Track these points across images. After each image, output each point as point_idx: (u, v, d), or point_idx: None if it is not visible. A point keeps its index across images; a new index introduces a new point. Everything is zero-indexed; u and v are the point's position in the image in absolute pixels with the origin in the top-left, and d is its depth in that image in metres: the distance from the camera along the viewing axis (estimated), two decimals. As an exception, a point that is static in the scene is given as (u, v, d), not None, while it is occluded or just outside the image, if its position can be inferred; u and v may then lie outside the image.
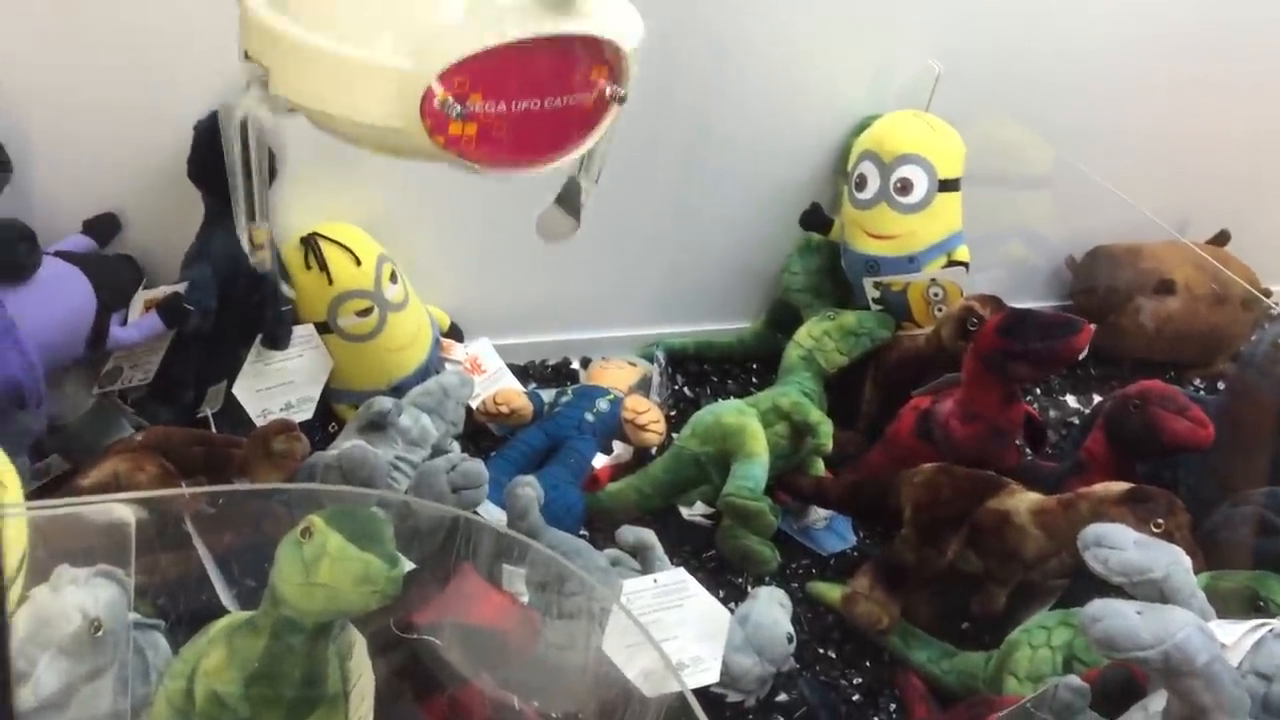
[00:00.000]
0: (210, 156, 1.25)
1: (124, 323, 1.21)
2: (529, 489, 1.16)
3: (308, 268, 1.35)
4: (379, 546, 0.85)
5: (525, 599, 1.00)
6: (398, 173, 1.01)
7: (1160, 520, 1.13)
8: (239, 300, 1.30)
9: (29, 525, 0.77)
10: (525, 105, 0.82)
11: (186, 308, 1.23)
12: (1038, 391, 1.84)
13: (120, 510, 0.79)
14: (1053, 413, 1.81)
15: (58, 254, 1.19)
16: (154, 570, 0.99)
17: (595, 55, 0.85)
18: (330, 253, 1.35)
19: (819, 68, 1.62)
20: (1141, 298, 1.88)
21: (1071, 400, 1.85)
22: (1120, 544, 0.87)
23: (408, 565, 0.85)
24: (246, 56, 0.85)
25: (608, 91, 0.87)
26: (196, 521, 1.05)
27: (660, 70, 1.50)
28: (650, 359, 1.65)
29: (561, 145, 0.88)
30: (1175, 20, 1.81)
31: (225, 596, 1.04)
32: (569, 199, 1.06)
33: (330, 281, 1.34)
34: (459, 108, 0.78)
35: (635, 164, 1.57)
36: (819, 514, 1.47)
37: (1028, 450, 1.48)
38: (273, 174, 1.30)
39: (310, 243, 1.35)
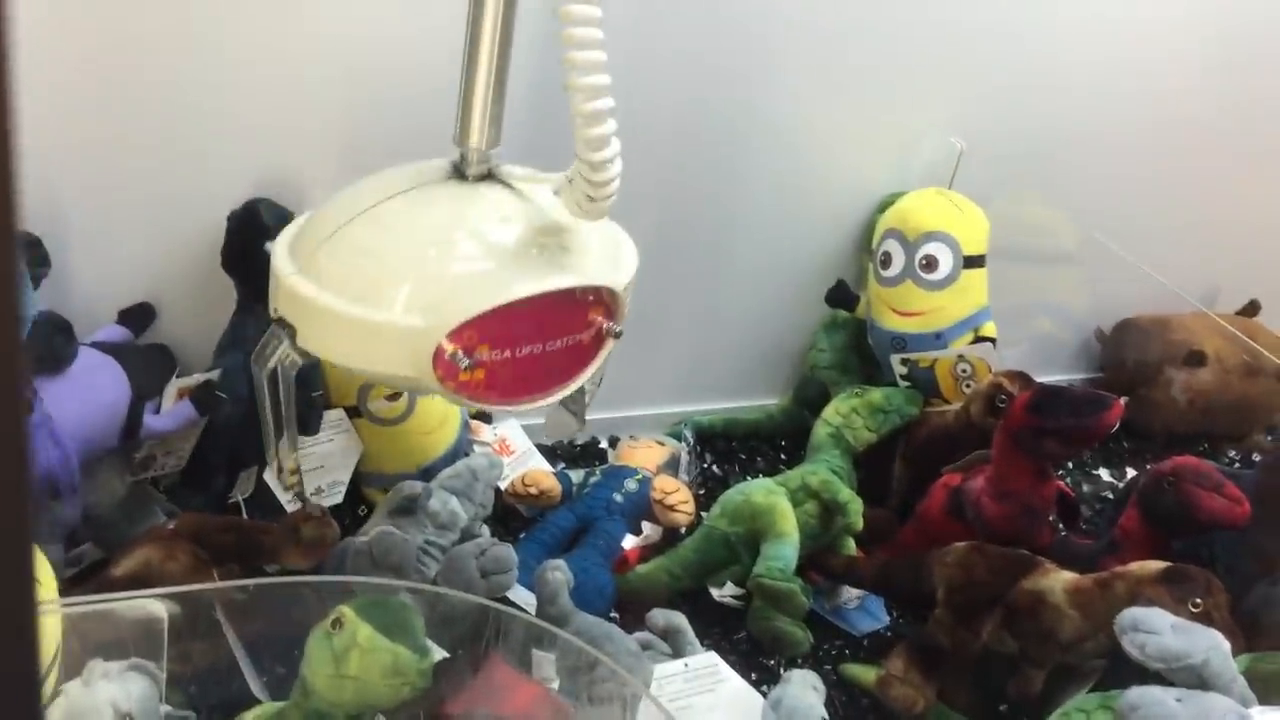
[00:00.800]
0: (242, 246, 1.28)
1: (158, 411, 1.23)
2: (558, 573, 1.16)
3: (338, 353, 1.37)
4: (409, 638, 0.85)
5: (555, 685, 0.99)
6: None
7: (1198, 600, 1.11)
8: (271, 387, 1.31)
9: (62, 621, 0.77)
10: (529, 350, 0.92)
11: (219, 395, 1.25)
12: (1070, 466, 1.83)
13: (153, 605, 0.79)
14: (1086, 487, 1.79)
15: (93, 344, 1.21)
16: (186, 659, 0.99)
17: (592, 300, 0.93)
18: (360, 338, 1.36)
19: (841, 146, 1.64)
20: (1172, 370, 1.87)
21: (1105, 474, 1.83)
22: (1157, 629, 0.86)
23: (439, 654, 0.85)
24: (277, 314, 0.95)
25: (604, 328, 0.97)
26: (227, 610, 1.05)
27: (684, 150, 1.53)
28: (678, 437, 1.65)
29: (563, 380, 0.97)
30: (1196, 92, 1.82)
31: (255, 686, 1.04)
32: (573, 403, 1.11)
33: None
34: (467, 360, 0.87)
35: (661, 244, 1.59)
36: (851, 594, 1.46)
37: (1061, 527, 1.46)
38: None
39: (341, 329, 1.36)
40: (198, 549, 1.16)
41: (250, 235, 1.27)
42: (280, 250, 0.97)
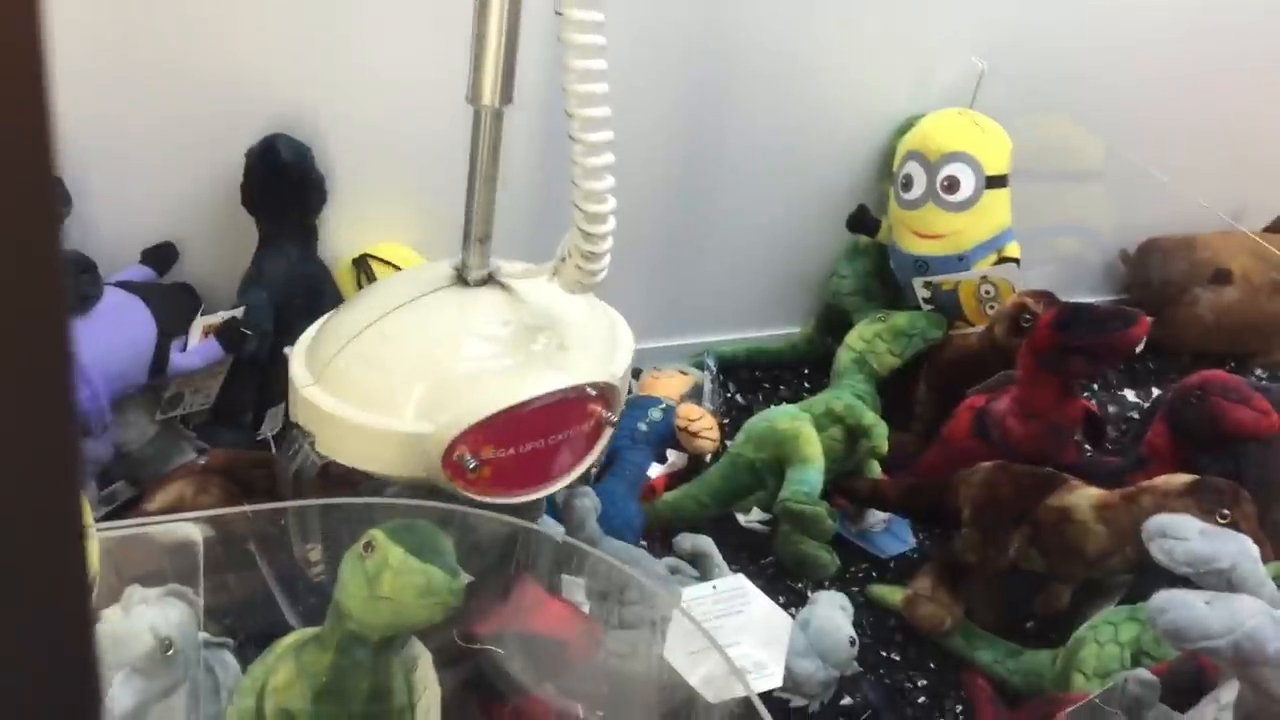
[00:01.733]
0: (262, 182, 1.28)
1: (184, 349, 1.23)
2: (585, 500, 1.17)
3: (360, 288, 1.37)
4: (440, 558, 0.86)
5: (586, 609, 1.00)
6: (447, 192, 1.03)
7: (1226, 511, 1.11)
8: (296, 322, 1.32)
9: (99, 547, 0.79)
10: (532, 446, 0.98)
11: (244, 332, 1.25)
12: (1095, 387, 1.82)
13: (188, 529, 0.80)
14: (1111, 408, 1.79)
15: (118, 284, 1.22)
16: (221, 590, 1.01)
17: (591, 395, 1.00)
18: (382, 273, 1.36)
19: (860, 70, 1.62)
20: (1198, 289, 1.85)
21: (1130, 395, 1.83)
22: (1186, 534, 0.86)
23: (468, 577, 0.86)
24: (297, 422, 1.01)
25: (602, 418, 1.03)
26: (260, 541, 1.07)
27: (702, 82, 1.52)
28: (701, 367, 1.65)
29: (565, 469, 1.02)
30: (1221, 7, 1.79)
31: (290, 614, 1.06)
32: None
33: (383, 301, 1.36)
34: (475, 461, 0.93)
35: (680, 176, 1.58)
36: (877, 517, 1.46)
37: (1087, 446, 1.46)
38: (323, 199, 1.33)
39: (362, 264, 1.37)
40: (229, 483, 1.18)
41: (269, 171, 1.27)
42: (297, 360, 1.04)
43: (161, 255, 1.30)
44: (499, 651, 0.93)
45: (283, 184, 1.27)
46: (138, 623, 0.84)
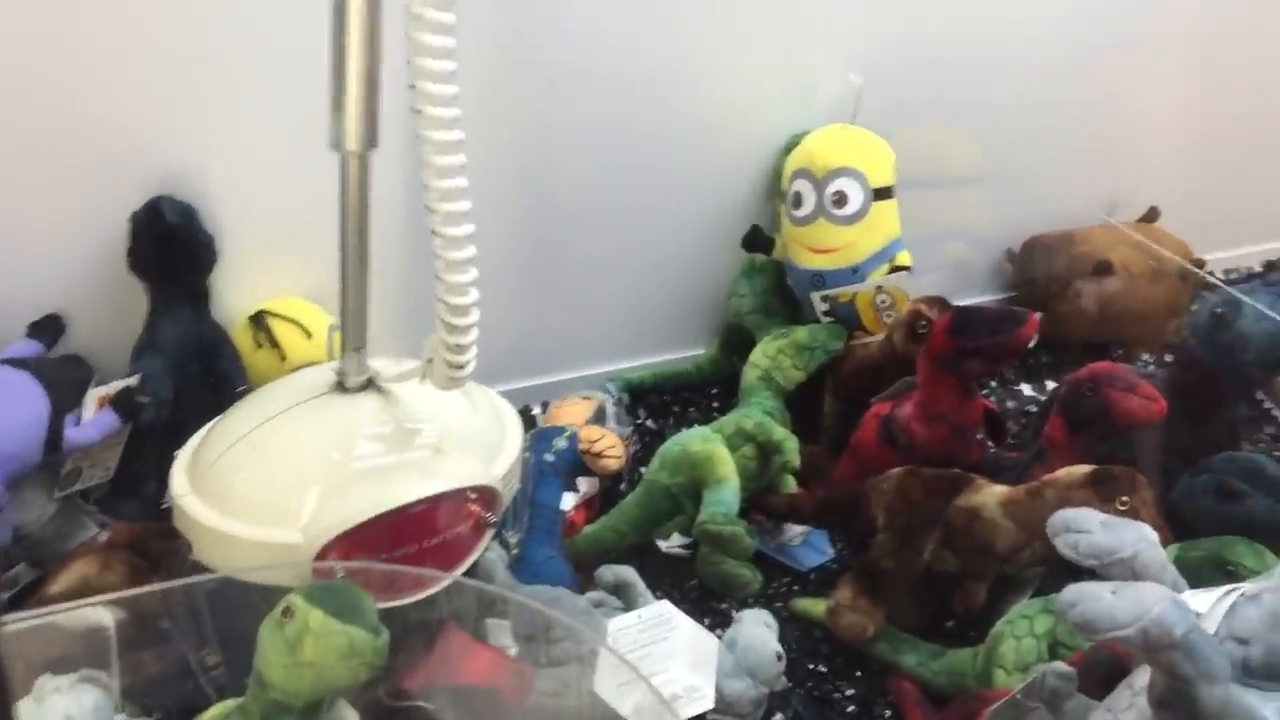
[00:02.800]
0: (148, 247, 1.26)
1: (79, 423, 1.20)
2: (489, 553, 1.16)
3: (258, 346, 1.35)
4: (362, 617, 0.85)
5: (513, 651, 1.00)
6: (331, 239, 1.03)
7: (1125, 498, 1.15)
8: (194, 386, 1.29)
9: (6, 640, 0.76)
10: (404, 551, 0.98)
11: (140, 401, 1.23)
12: (993, 385, 1.87)
13: (98, 614, 0.78)
14: (1010, 403, 1.84)
15: (5, 361, 1.18)
16: (137, 669, 0.99)
17: (466, 496, 1.02)
18: (280, 329, 1.35)
19: (743, 90, 1.64)
20: (1080, 281, 1.91)
21: (1026, 389, 1.88)
22: (1088, 527, 0.88)
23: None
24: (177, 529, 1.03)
25: (482, 520, 1.04)
26: (172, 615, 1.04)
27: (587, 107, 1.53)
28: (604, 391, 1.66)
29: (443, 568, 1.02)
30: (1083, 9, 1.86)
31: (210, 686, 1.03)
32: None
33: (283, 358, 1.34)
34: (342, 571, 0.93)
35: (571, 206, 1.59)
36: (795, 530, 1.48)
37: (990, 444, 1.50)
38: (213, 258, 1.31)
39: (258, 321, 1.35)
40: (134, 558, 1.15)
41: (155, 235, 1.25)
42: (178, 469, 1.06)
43: (49, 328, 1.27)
44: (429, 707, 0.92)
45: (170, 247, 1.25)
46: (51, 713, 0.81)
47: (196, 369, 1.27)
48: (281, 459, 1.01)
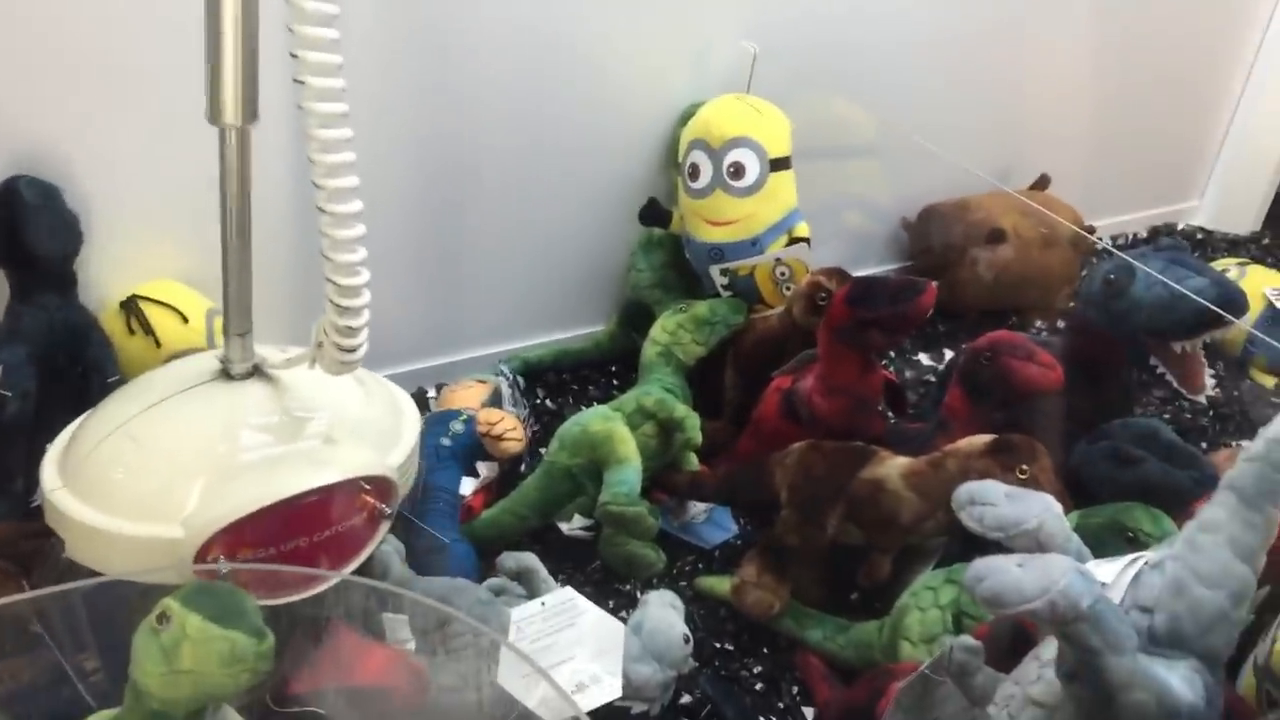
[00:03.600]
0: (7, 230, 1.18)
1: (-65, 419, 1.12)
2: (384, 545, 1.12)
3: (131, 332, 1.28)
4: (244, 620, 0.80)
5: (411, 646, 0.96)
6: (213, 221, 0.97)
7: (1025, 467, 1.16)
8: (60, 376, 1.22)
9: None
10: (294, 544, 0.93)
11: (2, 394, 1.15)
12: (891, 355, 1.87)
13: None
14: (909, 373, 1.84)
15: None
16: (11, 676, 0.93)
17: (359, 487, 0.97)
18: (153, 314, 1.28)
19: (636, 60, 1.61)
20: (975, 249, 1.93)
21: (924, 358, 1.89)
22: (992, 499, 0.88)
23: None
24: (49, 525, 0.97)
25: (376, 510, 0.98)
26: (46, 621, 0.98)
27: (476, 79, 1.48)
28: (497, 374, 1.62)
29: (337, 564, 0.97)
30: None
31: (88, 694, 0.98)
32: None
33: (158, 344, 1.27)
34: (228, 565, 0.89)
35: (463, 182, 1.54)
36: (698, 508, 1.46)
37: (891, 415, 1.50)
38: (79, 240, 1.23)
39: (130, 306, 1.28)
40: (3, 561, 1.08)
41: (14, 217, 1.17)
42: (49, 462, 1.00)
43: (-102, 319, 1.18)
44: (319, 712, 0.88)
45: (31, 229, 1.17)
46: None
47: (64, 358, 1.20)
48: (162, 450, 0.95)
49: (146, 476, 0.94)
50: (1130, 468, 1.27)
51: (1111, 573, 0.83)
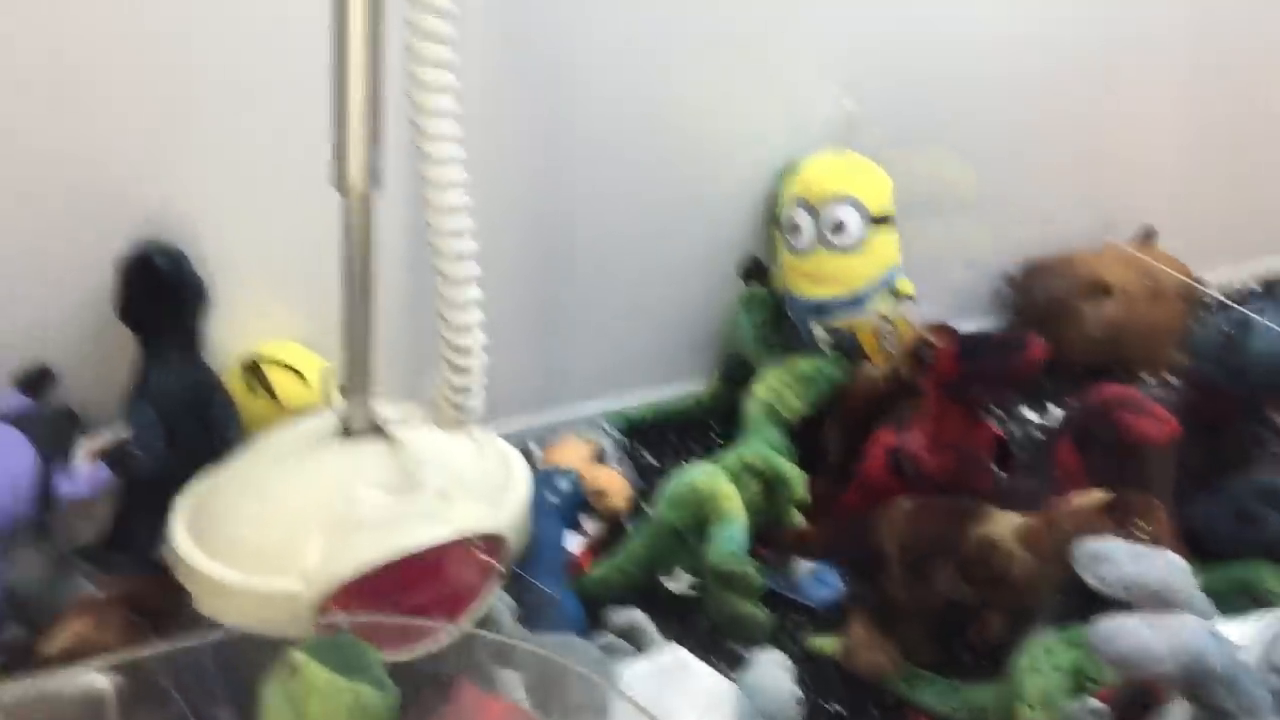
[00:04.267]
0: (138, 295, 1.23)
1: (70, 477, 1.17)
2: (496, 602, 1.13)
3: (252, 392, 1.32)
4: (369, 673, 0.82)
5: (526, 704, 0.97)
6: (332, 283, 1.00)
7: (1142, 524, 1.13)
8: (187, 435, 1.26)
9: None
10: (411, 601, 0.97)
11: (133, 452, 1.20)
12: (995, 410, 1.85)
13: (94, 678, 0.75)
14: (1015, 429, 1.81)
15: (-8, 416, 1.15)
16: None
17: (475, 543, 1.00)
18: (274, 374, 1.32)
19: (736, 117, 1.63)
20: (1080, 304, 1.90)
21: (1031, 414, 1.86)
22: (1115, 557, 0.86)
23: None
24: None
25: (489, 568, 1.02)
26: (174, 675, 1.01)
27: (581, 138, 1.51)
28: (603, 432, 1.63)
29: (451, 618, 1.00)
30: (1071, 27, 1.86)
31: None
32: None
33: (278, 404, 1.31)
34: (348, 620, 0.92)
35: (566, 239, 1.57)
36: (804, 566, 1.45)
37: (1000, 471, 1.47)
38: (204, 304, 1.28)
39: (254, 370, 1.32)
40: (131, 614, 1.11)
41: (144, 282, 1.22)
42: (177, 518, 1.05)
43: (37, 380, 1.24)
44: (442, 766, 0.89)
45: (160, 294, 1.23)
46: (48, 785, 0.78)
47: (190, 418, 1.24)
48: (284, 506, 0.99)
49: (269, 532, 0.98)
50: (1254, 525, 1.23)
51: (1242, 633, 0.81)
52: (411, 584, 0.96)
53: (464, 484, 1.03)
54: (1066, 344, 1.89)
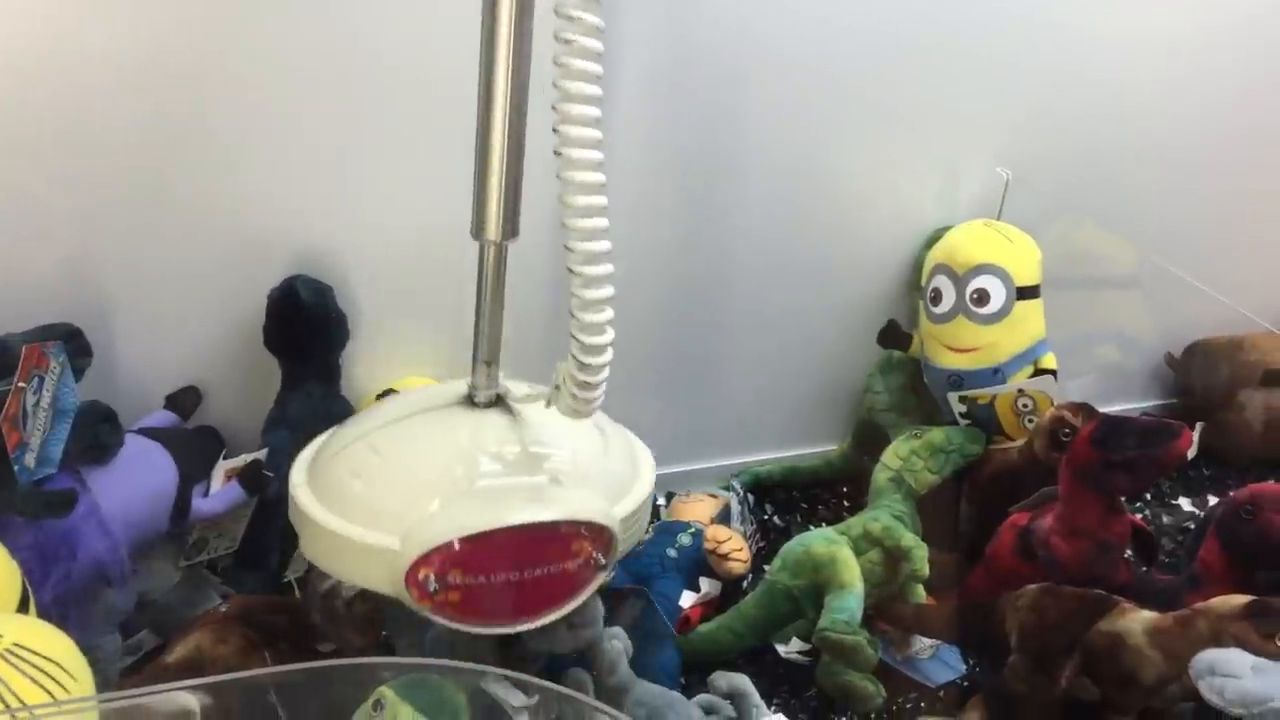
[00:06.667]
0: (284, 324, 1.29)
1: (206, 494, 1.23)
2: (616, 642, 1.13)
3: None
4: (452, 716, 0.83)
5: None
6: (468, 325, 1.03)
7: (1284, 635, 1.05)
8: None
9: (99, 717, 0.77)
10: (505, 577, 0.95)
11: (267, 474, 1.25)
12: (1148, 496, 1.76)
13: (184, 698, 0.78)
14: (1166, 518, 1.72)
15: (140, 431, 1.22)
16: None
17: (579, 531, 0.97)
18: (406, 409, 1.35)
19: (886, 183, 1.61)
20: (1247, 391, 1.80)
21: (1186, 504, 1.76)
22: (1236, 671, 0.81)
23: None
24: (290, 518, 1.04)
25: (594, 559, 0.99)
26: (282, 691, 1.04)
27: (732, 201, 1.52)
28: (729, 489, 1.62)
29: (548, 607, 0.99)
30: (1239, 104, 1.77)
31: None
32: None
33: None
34: (437, 584, 0.92)
35: (704, 294, 1.58)
36: (924, 643, 1.41)
37: (1139, 563, 1.40)
38: (345, 337, 1.33)
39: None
40: (249, 631, 1.15)
41: (290, 313, 1.28)
42: (299, 461, 1.05)
43: (185, 399, 1.31)
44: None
45: (304, 325, 1.28)
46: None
47: (323, 445, 1.29)
48: (400, 465, 0.98)
49: (381, 487, 0.97)
50: None
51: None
52: (508, 559, 0.94)
53: (581, 471, 1.01)
54: (1229, 433, 1.80)
